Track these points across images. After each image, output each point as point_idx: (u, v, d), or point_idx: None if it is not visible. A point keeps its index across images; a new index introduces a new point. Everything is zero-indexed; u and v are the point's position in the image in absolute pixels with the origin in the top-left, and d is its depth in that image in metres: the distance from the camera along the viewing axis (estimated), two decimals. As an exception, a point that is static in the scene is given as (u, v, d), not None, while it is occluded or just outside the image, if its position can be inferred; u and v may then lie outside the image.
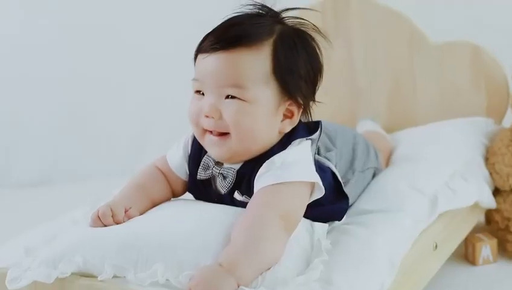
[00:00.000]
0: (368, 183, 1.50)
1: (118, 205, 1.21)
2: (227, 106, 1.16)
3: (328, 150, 1.34)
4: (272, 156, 1.18)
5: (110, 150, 2.68)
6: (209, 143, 1.20)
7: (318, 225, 1.22)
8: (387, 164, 1.70)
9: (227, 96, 1.17)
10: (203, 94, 1.19)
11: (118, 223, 1.19)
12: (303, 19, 1.25)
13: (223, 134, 1.18)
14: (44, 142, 2.66)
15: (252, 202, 1.14)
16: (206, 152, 1.25)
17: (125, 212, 1.20)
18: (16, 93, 2.65)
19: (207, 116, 1.18)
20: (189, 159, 1.29)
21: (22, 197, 2.48)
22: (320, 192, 1.20)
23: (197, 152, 1.27)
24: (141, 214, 1.23)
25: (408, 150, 1.75)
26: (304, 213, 1.19)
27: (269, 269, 1.06)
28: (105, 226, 1.18)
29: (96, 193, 1.40)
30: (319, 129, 1.25)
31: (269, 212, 1.10)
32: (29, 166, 2.65)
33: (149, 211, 1.24)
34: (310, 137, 1.24)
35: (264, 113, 1.17)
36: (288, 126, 1.22)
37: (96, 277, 1.09)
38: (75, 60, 2.66)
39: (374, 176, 1.54)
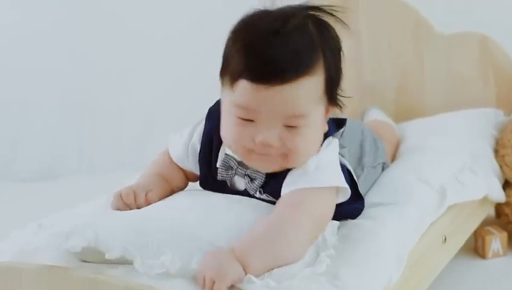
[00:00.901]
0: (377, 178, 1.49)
1: (140, 188, 1.22)
2: (289, 134, 1.12)
3: (341, 146, 1.32)
4: None
5: (114, 144, 2.68)
6: (258, 159, 1.15)
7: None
8: (394, 155, 1.69)
9: (286, 125, 1.13)
10: (251, 121, 1.13)
11: (138, 205, 1.20)
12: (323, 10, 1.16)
13: None
14: (48, 135, 2.66)
15: (283, 202, 1.13)
16: (217, 151, 1.22)
17: (145, 195, 1.21)
18: (20, 86, 2.66)
19: (265, 145, 1.12)
20: (199, 158, 1.26)
21: (25, 191, 2.49)
22: (345, 196, 1.19)
23: (207, 151, 1.24)
24: (160, 199, 1.23)
25: (416, 141, 1.73)
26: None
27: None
28: (126, 205, 1.19)
29: (99, 187, 1.39)
30: (344, 125, 1.24)
31: (302, 215, 1.09)
32: (33, 159, 2.65)
33: (165, 199, 1.24)
34: (335, 133, 1.23)
35: (319, 128, 1.16)
36: (327, 125, 1.21)
37: (100, 270, 1.06)
38: (78, 53, 2.66)
39: (382, 170, 1.52)
